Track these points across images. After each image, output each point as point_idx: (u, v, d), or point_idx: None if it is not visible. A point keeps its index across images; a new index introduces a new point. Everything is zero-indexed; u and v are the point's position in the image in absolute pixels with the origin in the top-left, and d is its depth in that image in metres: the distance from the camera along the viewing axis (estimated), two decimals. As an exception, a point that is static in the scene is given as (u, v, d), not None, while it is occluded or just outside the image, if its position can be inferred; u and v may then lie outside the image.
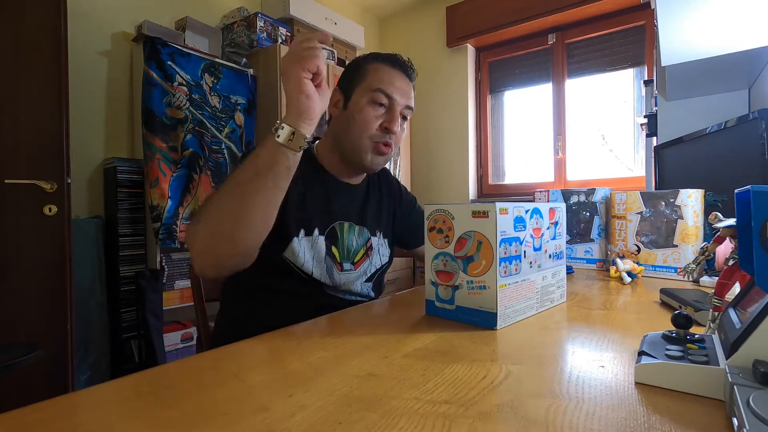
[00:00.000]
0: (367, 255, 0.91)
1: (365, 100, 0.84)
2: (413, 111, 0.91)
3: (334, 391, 0.35)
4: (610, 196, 1.00)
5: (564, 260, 0.69)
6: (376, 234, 0.94)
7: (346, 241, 0.88)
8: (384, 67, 0.87)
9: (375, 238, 0.94)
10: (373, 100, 0.84)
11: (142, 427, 0.30)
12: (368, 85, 0.85)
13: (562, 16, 2.57)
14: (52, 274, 1.45)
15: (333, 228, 0.87)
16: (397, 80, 0.86)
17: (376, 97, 0.84)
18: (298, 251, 0.80)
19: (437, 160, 3.06)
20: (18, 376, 1.30)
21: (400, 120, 0.88)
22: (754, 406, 0.25)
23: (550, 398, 0.34)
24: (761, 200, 0.32)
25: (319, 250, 0.83)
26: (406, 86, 0.87)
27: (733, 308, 0.39)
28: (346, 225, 0.89)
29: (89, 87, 1.83)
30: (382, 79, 0.85)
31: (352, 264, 0.88)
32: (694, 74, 1.37)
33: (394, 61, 0.88)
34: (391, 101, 0.85)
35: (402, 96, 0.86)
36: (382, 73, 0.86)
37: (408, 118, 0.90)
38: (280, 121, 0.62)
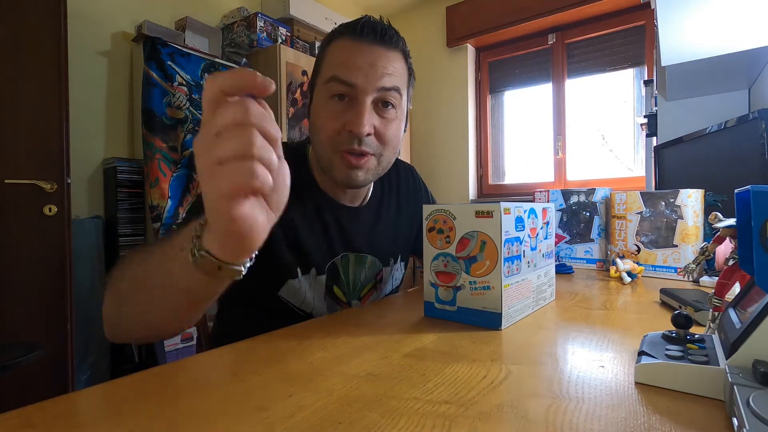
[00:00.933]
0: (375, 288, 0.77)
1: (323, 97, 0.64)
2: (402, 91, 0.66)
3: (334, 391, 0.35)
4: (610, 196, 1.00)
5: (553, 259, 0.69)
6: (390, 263, 0.78)
7: (351, 277, 0.73)
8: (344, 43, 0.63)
9: (387, 267, 0.78)
10: (329, 94, 0.63)
11: (142, 427, 0.30)
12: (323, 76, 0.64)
13: (562, 16, 2.57)
14: (52, 274, 1.45)
15: (334, 264, 0.71)
16: (360, 56, 0.62)
17: (333, 89, 0.62)
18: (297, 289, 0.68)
19: (437, 160, 3.06)
20: (18, 376, 1.30)
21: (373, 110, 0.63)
22: (754, 406, 0.25)
23: (550, 398, 0.33)
24: (761, 200, 0.32)
25: (319, 289, 0.70)
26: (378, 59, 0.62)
27: (733, 308, 0.39)
28: (352, 257, 0.73)
29: (89, 87, 1.83)
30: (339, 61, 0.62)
31: (359, 300, 0.75)
32: (694, 74, 1.37)
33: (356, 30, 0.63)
34: (353, 89, 0.61)
35: (369, 77, 0.61)
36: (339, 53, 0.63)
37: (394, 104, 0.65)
38: (198, 237, 0.37)
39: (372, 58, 0.62)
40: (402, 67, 0.67)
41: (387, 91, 0.63)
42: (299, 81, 2.23)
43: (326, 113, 0.63)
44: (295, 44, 2.34)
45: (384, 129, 0.65)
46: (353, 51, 0.62)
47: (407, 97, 0.71)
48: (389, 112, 0.65)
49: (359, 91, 0.62)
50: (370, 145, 0.64)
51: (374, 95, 0.63)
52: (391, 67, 0.64)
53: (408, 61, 0.70)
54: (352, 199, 0.76)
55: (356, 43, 0.63)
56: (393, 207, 0.83)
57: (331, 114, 0.63)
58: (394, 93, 0.64)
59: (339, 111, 0.63)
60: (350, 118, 0.62)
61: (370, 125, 0.62)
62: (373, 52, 0.63)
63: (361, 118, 0.61)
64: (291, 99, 2.19)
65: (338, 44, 0.64)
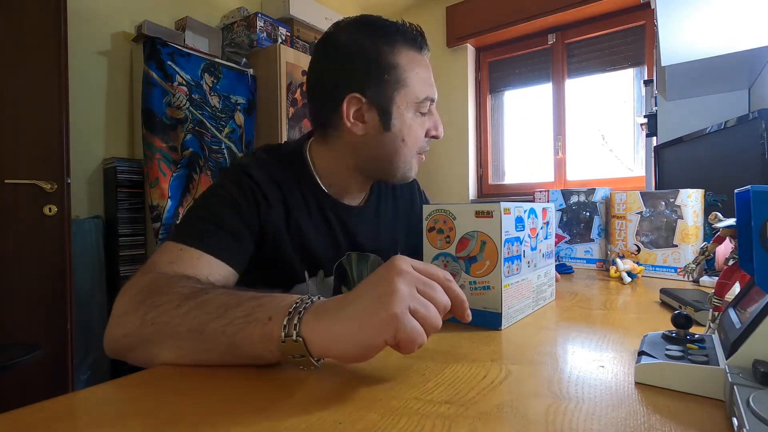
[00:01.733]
0: None
1: (411, 113, 0.69)
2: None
3: (334, 391, 0.35)
4: (610, 196, 1.00)
5: (553, 259, 0.69)
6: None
7: (356, 276, 0.76)
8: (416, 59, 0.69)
9: None
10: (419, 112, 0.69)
11: (141, 427, 0.30)
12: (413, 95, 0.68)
13: (562, 16, 2.57)
14: (52, 274, 1.45)
15: (341, 263, 0.74)
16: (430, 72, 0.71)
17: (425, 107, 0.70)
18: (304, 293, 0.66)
19: (437, 160, 3.06)
20: (18, 376, 1.30)
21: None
22: (754, 406, 0.25)
23: (550, 398, 0.33)
24: (761, 200, 0.32)
25: (327, 291, 0.72)
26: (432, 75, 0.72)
27: (733, 308, 0.39)
28: (354, 256, 0.76)
29: (89, 87, 1.83)
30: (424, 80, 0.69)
31: None
32: (694, 74, 1.37)
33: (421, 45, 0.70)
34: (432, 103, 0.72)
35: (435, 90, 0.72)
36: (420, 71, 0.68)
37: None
38: (298, 320, 0.36)
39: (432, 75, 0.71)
40: None
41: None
42: (299, 81, 2.23)
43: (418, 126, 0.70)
44: (295, 44, 2.34)
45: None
46: (427, 67, 0.70)
47: None
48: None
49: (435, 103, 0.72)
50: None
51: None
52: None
53: None
54: (353, 199, 0.77)
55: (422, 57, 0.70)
56: (390, 205, 0.85)
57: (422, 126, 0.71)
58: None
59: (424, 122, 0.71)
60: (432, 125, 0.72)
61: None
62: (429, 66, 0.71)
63: (441, 125, 0.73)
64: (291, 99, 2.19)
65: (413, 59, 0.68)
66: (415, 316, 0.35)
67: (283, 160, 0.72)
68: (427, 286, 0.37)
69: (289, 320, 0.36)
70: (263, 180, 0.66)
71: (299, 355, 0.36)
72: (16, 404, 0.32)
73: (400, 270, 0.37)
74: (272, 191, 0.67)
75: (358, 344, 0.35)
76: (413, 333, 0.34)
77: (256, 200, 0.65)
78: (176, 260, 0.55)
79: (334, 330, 0.35)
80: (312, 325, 0.36)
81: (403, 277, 0.36)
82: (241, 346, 0.39)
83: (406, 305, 0.35)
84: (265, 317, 0.38)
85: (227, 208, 0.62)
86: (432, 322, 0.36)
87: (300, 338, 0.36)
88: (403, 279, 0.36)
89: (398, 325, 0.34)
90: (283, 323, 0.36)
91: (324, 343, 0.36)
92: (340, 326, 0.35)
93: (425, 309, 0.35)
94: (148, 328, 0.43)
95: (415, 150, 0.71)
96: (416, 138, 0.70)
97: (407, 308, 0.35)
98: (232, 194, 0.64)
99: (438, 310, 0.37)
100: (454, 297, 0.39)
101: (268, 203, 0.66)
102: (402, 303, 0.34)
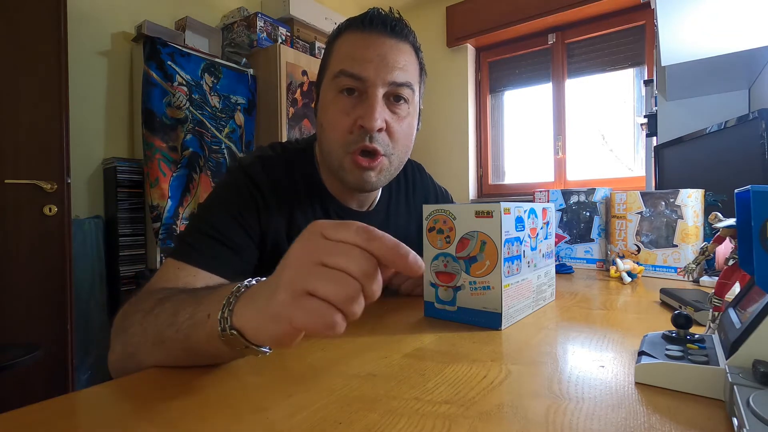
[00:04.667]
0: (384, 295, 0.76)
1: (331, 93, 0.61)
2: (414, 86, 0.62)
3: (334, 391, 0.35)
4: (610, 196, 1.00)
5: (553, 259, 0.69)
6: None
7: None
8: (352, 36, 0.61)
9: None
10: (338, 89, 0.60)
11: (141, 427, 0.30)
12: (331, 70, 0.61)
13: (562, 16, 2.57)
14: (52, 274, 1.45)
15: None
16: (369, 48, 0.59)
17: (341, 83, 0.59)
18: None
19: (437, 160, 3.06)
20: (18, 376, 1.30)
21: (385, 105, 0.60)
22: (754, 406, 0.25)
23: (550, 398, 0.33)
24: (761, 200, 0.32)
25: None
26: (389, 51, 0.60)
27: (733, 308, 0.39)
28: None
29: (89, 87, 1.83)
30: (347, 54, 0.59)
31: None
32: (694, 74, 1.37)
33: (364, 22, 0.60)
34: (363, 83, 0.58)
35: (379, 69, 0.58)
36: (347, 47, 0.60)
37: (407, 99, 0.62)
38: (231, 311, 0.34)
39: (382, 50, 0.59)
40: (413, 62, 0.64)
41: (399, 87, 0.60)
42: (299, 81, 2.23)
43: (335, 109, 0.60)
44: (295, 44, 2.34)
45: (396, 125, 0.62)
46: (362, 44, 0.59)
47: (419, 93, 0.67)
48: (401, 107, 0.62)
49: (369, 84, 0.58)
50: (381, 142, 0.61)
51: (385, 89, 0.60)
52: (402, 60, 0.61)
53: (419, 56, 0.67)
54: (360, 204, 0.73)
55: (365, 34, 0.60)
56: (402, 209, 0.80)
57: (340, 110, 0.59)
58: (405, 88, 0.61)
59: (348, 107, 0.60)
60: (361, 112, 0.59)
61: (381, 119, 0.59)
62: (383, 43, 0.60)
63: (373, 111, 0.58)
64: (291, 99, 2.19)
65: (346, 37, 0.61)
66: (318, 295, 0.29)
67: (291, 160, 0.68)
68: (331, 253, 0.30)
69: (221, 314, 0.34)
70: (266, 183, 0.64)
71: (244, 347, 0.34)
72: (16, 404, 0.32)
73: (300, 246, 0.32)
74: (275, 196, 0.64)
75: (268, 334, 0.32)
76: (311, 316, 0.29)
77: (257, 206, 0.62)
78: (172, 279, 0.54)
79: (254, 318, 0.33)
80: (240, 313, 0.34)
81: (299, 253, 0.31)
82: (196, 350, 0.38)
83: (298, 288, 0.29)
84: (205, 316, 0.36)
85: (228, 219, 0.60)
86: (341, 295, 0.29)
87: (234, 331, 0.33)
88: (300, 255, 0.31)
89: (291, 311, 0.29)
90: (218, 318, 0.34)
91: (252, 331, 0.33)
92: (257, 315, 0.32)
93: (331, 283, 0.29)
94: (126, 352, 0.44)
95: (339, 143, 0.61)
96: (335, 123, 0.60)
97: (300, 291, 0.29)
98: (234, 201, 0.61)
99: (356, 277, 0.29)
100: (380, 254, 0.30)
101: (268, 209, 0.63)
102: (290, 287, 0.30)
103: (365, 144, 0.60)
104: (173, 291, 0.47)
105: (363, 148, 0.60)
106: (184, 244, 0.58)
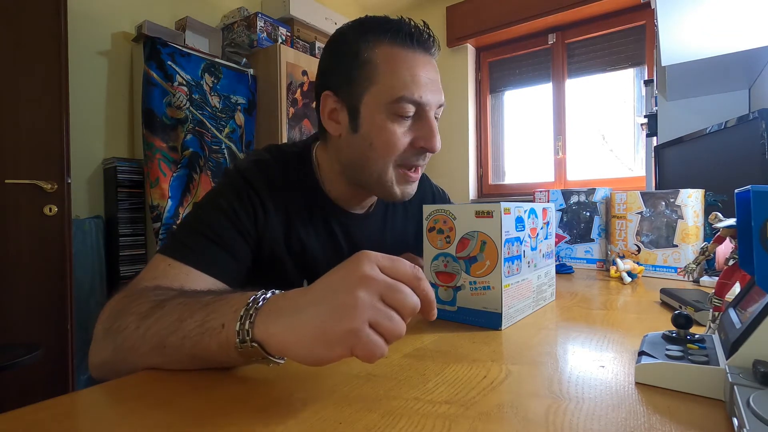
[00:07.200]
0: None
1: (384, 114, 0.60)
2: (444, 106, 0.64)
3: (334, 391, 0.35)
4: (610, 196, 1.00)
5: (553, 259, 0.69)
6: None
7: None
8: (398, 54, 0.59)
9: None
10: (396, 113, 0.60)
11: (141, 427, 0.30)
12: (385, 93, 0.59)
13: (562, 16, 2.57)
14: (52, 274, 1.45)
15: None
16: (422, 70, 0.60)
17: (401, 110, 0.59)
18: None
19: (437, 160, 3.06)
20: (18, 376, 1.30)
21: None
22: (754, 406, 0.25)
23: (550, 398, 0.33)
24: (761, 200, 0.32)
25: None
26: (434, 73, 0.61)
27: (733, 308, 0.39)
28: None
29: (89, 87, 1.83)
30: (402, 77, 0.59)
31: None
32: (694, 74, 1.37)
33: (409, 38, 0.60)
34: (421, 107, 0.60)
35: (434, 93, 0.61)
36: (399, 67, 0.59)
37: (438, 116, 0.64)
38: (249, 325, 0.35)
39: (432, 73, 0.61)
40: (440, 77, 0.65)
41: (441, 107, 0.63)
42: (299, 81, 2.23)
43: (394, 132, 0.60)
44: (296, 44, 2.34)
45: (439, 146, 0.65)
46: (416, 64, 0.60)
47: None
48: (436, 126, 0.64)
49: (427, 108, 0.61)
50: (427, 159, 0.65)
51: (434, 111, 0.63)
52: (440, 80, 0.63)
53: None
54: (359, 207, 0.74)
55: (414, 54, 0.60)
56: (399, 210, 0.82)
57: (400, 133, 0.61)
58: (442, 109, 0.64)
59: (406, 129, 0.61)
60: (422, 134, 0.61)
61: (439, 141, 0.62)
62: (429, 64, 0.62)
63: (436, 135, 0.62)
64: (291, 99, 2.19)
65: (391, 54, 0.60)
66: (377, 329, 0.32)
67: (288, 163, 0.69)
68: (392, 290, 0.33)
69: (240, 326, 0.35)
70: (263, 187, 0.64)
71: (261, 357, 0.35)
72: (16, 404, 0.32)
73: (363, 275, 0.33)
74: (272, 199, 0.64)
75: (312, 355, 0.33)
76: (372, 348, 0.32)
77: (254, 210, 0.63)
78: (161, 276, 0.53)
79: (288, 335, 0.33)
80: (265, 327, 0.34)
81: (365, 285, 0.33)
82: (203, 357, 0.38)
83: (366, 319, 0.32)
84: (218, 325, 0.36)
85: (224, 220, 0.60)
86: (395, 333, 0.33)
87: (255, 344, 0.34)
88: (366, 287, 0.32)
89: (355, 341, 0.31)
90: (236, 329, 0.35)
91: (279, 347, 0.34)
92: (294, 333, 0.33)
93: (388, 321, 0.32)
94: (118, 355, 0.43)
95: (390, 159, 0.62)
96: (388, 144, 0.61)
97: (366, 322, 0.32)
98: (230, 203, 0.61)
99: (404, 316, 0.33)
100: (423, 297, 0.35)
101: (266, 213, 0.64)
102: (361, 317, 0.31)
103: (419, 162, 0.64)
104: (170, 293, 0.46)
105: (416, 166, 0.64)
106: (177, 241, 0.57)
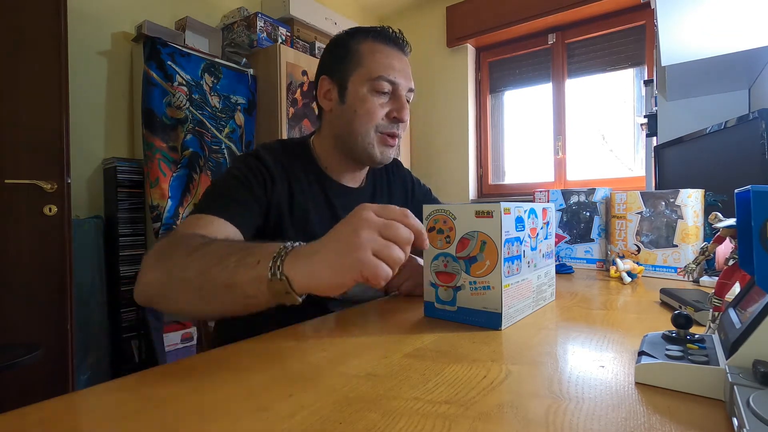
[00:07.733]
0: None
1: (366, 89, 0.78)
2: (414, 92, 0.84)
3: (334, 391, 0.35)
4: (610, 196, 1.00)
5: (553, 259, 0.69)
6: None
7: None
8: (379, 47, 0.79)
9: None
10: (375, 89, 0.78)
11: (141, 427, 0.30)
12: (367, 73, 0.78)
13: (562, 16, 2.57)
14: (52, 274, 1.45)
15: None
16: (396, 61, 0.79)
17: (379, 86, 0.77)
18: None
19: (437, 159, 3.06)
20: (18, 376, 1.30)
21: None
22: (754, 406, 0.25)
23: (550, 398, 0.33)
24: (761, 200, 0.32)
25: None
26: (406, 66, 0.81)
27: (733, 308, 0.39)
28: None
29: (89, 87, 1.83)
30: (381, 63, 0.78)
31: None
32: (694, 74, 1.37)
33: (387, 38, 0.81)
34: (395, 87, 0.79)
35: (405, 79, 0.80)
36: (379, 56, 0.78)
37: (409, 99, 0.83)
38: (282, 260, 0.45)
39: (404, 65, 0.80)
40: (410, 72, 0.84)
41: (411, 92, 0.82)
42: (299, 81, 2.23)
43: (373, 102, 0.78)
44: (295, 44, 2.34)
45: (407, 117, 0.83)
46: (392, 56, 0.79)
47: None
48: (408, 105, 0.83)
49: (400, 88, 0.79)
50: (401, 128, 0.81)
51: (405, 93, 0.80)
52: (410, 72, 0.82)
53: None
54: (352, 181, 0.88)
55: (391, 49, 0.80)
56: (385, 191, 0.95)
57: (378, 104, 0.78)
58: (412, 93, 0.83)
59: (383, 102, 0.78)
60: (396, 107, 0.79)
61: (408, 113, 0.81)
62: (402, 59, 0.81)
63: (406, 108, 0.80)
64: (291, 99, 2.19)
65: (373, 47, 0.79)
66: (379, 256, 0.42)
67: (290, 149, 0.83)
68: (387, 227, 0.44)
69: (273, 262, 0.44)
70: (271, 162, 0.77)
71: (284, 292, 0.44)
72: (16, 404, 0.32)
73: (363, 218, 0.44)
74: (279, 172, 0.77)
75: (330, 282, 0.43)
76: (376, 270, 0.42)
77: (264, 179, 0.75)
78: (193, 225, 0.65)
79: (310, 269, 0.44)
80: (292, 265, 0.44)
81: (365, 225, 0.43)
82: (236, 287, 0.46)
83: (368, 248, 0.42)
84: (254, 261, 0.46)
85: (238, 185, 0.73)
86: (394, 257, 0.43)
87: (284, 277, 0.44)
88: (366, 226, 0.43)
89: (361, 266, 0.42)
90: (269, 265, 0.44)
91: (303, 280, 0.44)
92: (315, 266, 0.43)
93: (388, 249, 0.43)
94: (165, 276, 0.53)
95: (371, 125, 0.78)
96: (370, 112, 0.77)
97: (369, 250, 0.42)
98: (243, 173, 0.74)
99: (400, 245, 0.44)
100: (413, 229, 0.46)
101: (273, 182, 0.76)
102: (365, 248, 0.42)
103: (394, 131, 0.80)
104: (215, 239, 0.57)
105: (393, 133, 0.80)
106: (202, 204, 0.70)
